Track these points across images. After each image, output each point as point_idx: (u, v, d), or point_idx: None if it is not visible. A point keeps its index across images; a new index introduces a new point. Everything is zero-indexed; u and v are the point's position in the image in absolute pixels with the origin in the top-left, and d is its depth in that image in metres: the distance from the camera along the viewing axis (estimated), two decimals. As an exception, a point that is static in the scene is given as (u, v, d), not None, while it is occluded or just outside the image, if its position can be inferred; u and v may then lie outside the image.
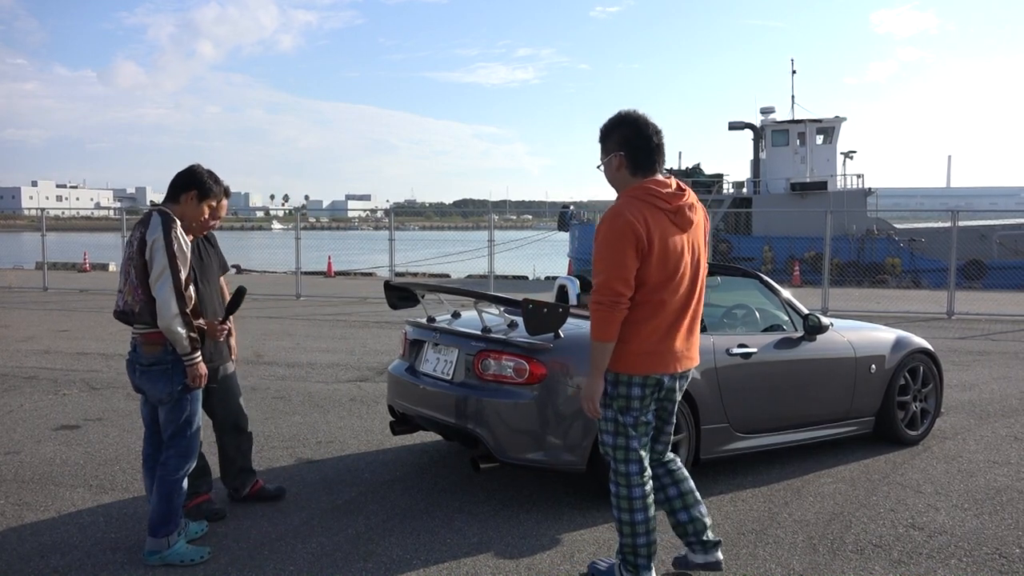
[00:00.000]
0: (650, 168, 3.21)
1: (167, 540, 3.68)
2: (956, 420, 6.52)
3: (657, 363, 3.20)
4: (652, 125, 3.21)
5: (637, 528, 3.29)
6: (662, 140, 3.23)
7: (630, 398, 3.24)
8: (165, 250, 3.53)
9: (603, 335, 3.13)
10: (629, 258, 3.07)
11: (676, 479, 3.46)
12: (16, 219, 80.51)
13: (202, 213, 3.83)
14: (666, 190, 3.16)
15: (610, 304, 3.08)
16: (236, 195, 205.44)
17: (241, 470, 4.48)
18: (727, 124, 31.18)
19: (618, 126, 3.22)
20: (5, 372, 8.38)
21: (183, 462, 3.72)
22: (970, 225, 25.95)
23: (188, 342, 3.59)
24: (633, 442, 3.27)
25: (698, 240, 3.30)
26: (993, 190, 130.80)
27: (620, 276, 3.07)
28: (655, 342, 3.18)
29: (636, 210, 3.10)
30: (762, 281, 5.47)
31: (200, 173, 3.82)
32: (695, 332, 3.33)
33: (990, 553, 3.92)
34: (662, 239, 3.12)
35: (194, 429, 3.76)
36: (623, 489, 3.29)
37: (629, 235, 3.06)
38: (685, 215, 3.19)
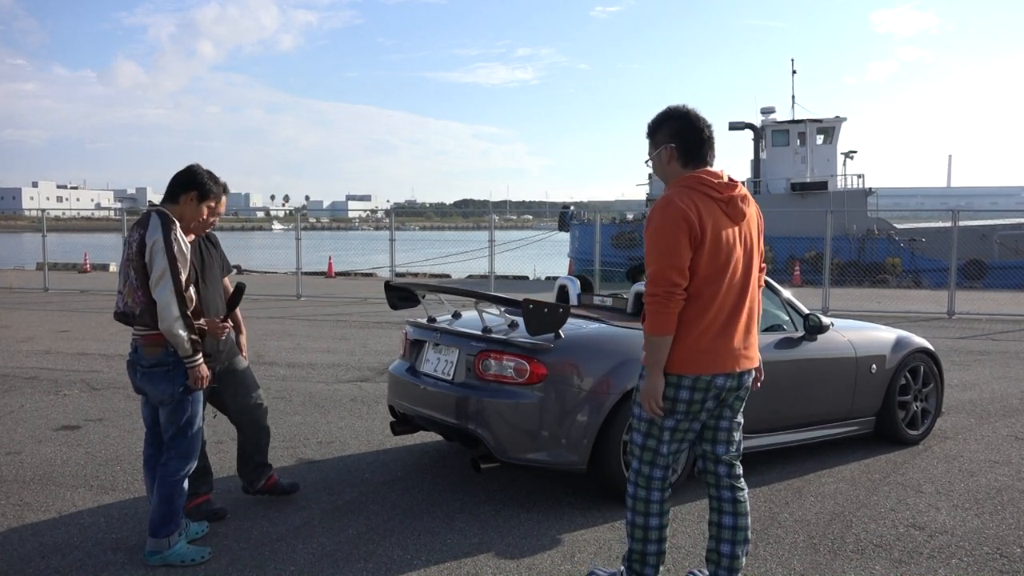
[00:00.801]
0: (701, 160, 3.12)
1: (167, 540, 3.68)
2: (957, 420, 6.52)
3: (711, 363, 3.02)
4: (703, 118, 3.14)
5: (650, 534, 3.17)
6: (712, 133, 3.15)
7: (676, 400, 3.05)
8: (165, 252, 3.52)
9: (659, 328, 2.97)
10: (683, 246, 2.94)
11: (738, 511, 3.23)
12: (17, 220, 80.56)
13: (201, 213, 3.82)
14: (718, 180, 3.07)
15: (665, 295, 2.93)
16: (236, 195, 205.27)
17: (257, 465, 4.48)
18: (727, 124, 31.16)
19: (668, 120, 3.15)
20: (6, 372, 8.39)
21: (184, 463, 3.71)
22: (970, 225, 25.97)
23: (189, 344, 3.58)
24: (664, 447, 3.12)
25: (751, 234, 3.17)
26: (993, 190, 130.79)
27: (674, 265, 2.93)
28: (710, 339, 3.02)
29: (688, 198, 3.00)
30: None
31: (199, 173, 3.81)
32: (753, 331, 3.16)
33: (991, 553, 3.92)
34: (715, 229, 3.00)
35: (195, 430, 3.75)
36: (642, 491, 3.16)
37: (681, 223, 2.94)
38: (738, 206, 3.08)
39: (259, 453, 4.47)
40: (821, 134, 30.27)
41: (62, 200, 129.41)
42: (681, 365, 3.02)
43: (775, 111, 30.86)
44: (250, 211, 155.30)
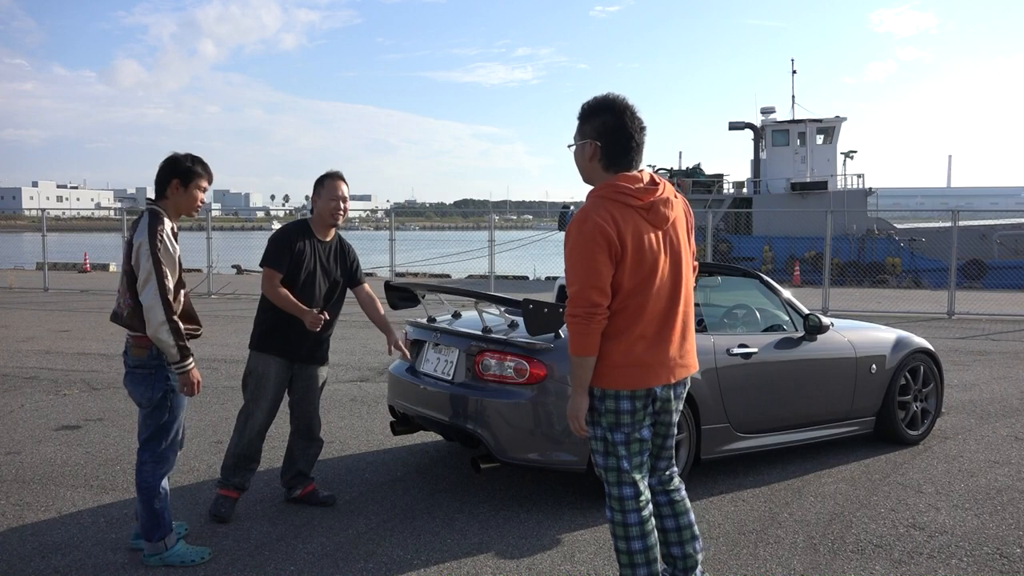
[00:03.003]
0: (626, 166, 2.94)
1: (163, 543, 3.66)
2: (957, 420, 6.52)
3: (647, 375, 2.93)
4: (638, 119, 2.94)
5: (635, 558, 2.98)
6: (644, 138, 2.96)
7: (619, 413, 2.95)
8: (150, 254, 3.45)
9: (582, 349, 2.87)
10: (602, 264, 2.81)
11: (677, 511, 3.14)
12: (17, 219, 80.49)
13: (194, 199, 3.69)
14: (636, 186, 2.88)
15: (586, 315, 2.82)
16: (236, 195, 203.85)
17: (298, 472, 4.52)
18: (727, 124, 31.20)
19: (601, 112, 2.93)
20: (6, 372, 8.38)
21: (157, 468, 3.66)
22: (970, 225, 25.95)
23: (176, 350, 3.47)
24: (624, 462, 2.98)
25: (679, 236, 2.99)
26: (993, 190, 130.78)
27: (594, 285, 2.82)
28: (643, 351, 2.91)
29: (604, 211, 2.84)
30: (762, 281, 5.47)
31: (177, 160, 3.69)
32: (689, 337, 3.05)
33: (991, 553, 3.92)
34: (636, 239, 2.84)
35: (171, 436, 3.67)
36: (618, 515, 3.00)
37: (599, 239, 2.80)
38: (659, 211, 2.90)
39: (304, 462, 4.52)
40: (821, 134, 30.27)
41: (62, 200, 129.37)
42: (612, 380, 2.93)
43: (775, 111, 30.87)
44: (250, 211, 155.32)
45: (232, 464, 4.29)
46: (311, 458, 4.54)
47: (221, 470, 4.35)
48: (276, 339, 4.31)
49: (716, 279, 6.37)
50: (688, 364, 3.05)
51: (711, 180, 31.69)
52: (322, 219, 4.39)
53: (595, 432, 3.03)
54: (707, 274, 6.28)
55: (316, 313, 4.23)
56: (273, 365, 4.31)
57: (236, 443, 4.30)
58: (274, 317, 4.28)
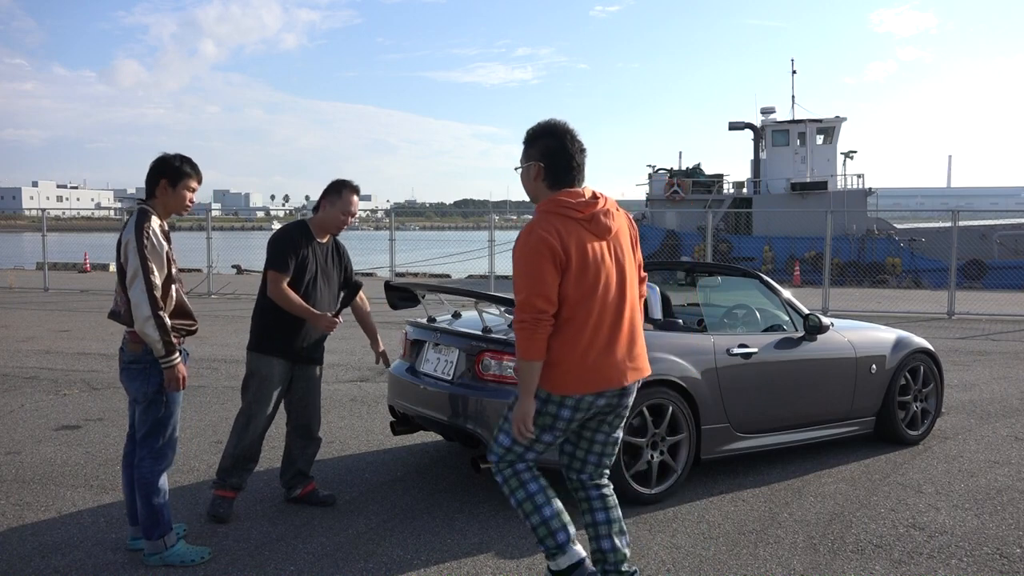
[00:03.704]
0: (568, 184, 3.12)
1: (163, 542, 3.66)
2: (957, 420, 6.52)
3: (598, 379, 3.06)
4: (578, 142, 3.14)
5: (552, 523, 3.12)
6: (584, 159, 3.16)
7: (557, 418, 3.09)
8: (137, 251, 3.47)
9: (529, 354, 3.01)
10: (548, 273, 2.97)
11: (607, 505, 3.27)
12: (17, 219, 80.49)
13: (183, 199, 3.70)
14: (578, 200, 3.07)
15: (533, 322, 2.98)
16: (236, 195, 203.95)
17: (297, 472, 4.52)
18: (727, 124, 31.20)
19: (544, 136, 3.14)
20: (6, 372, 8.39)
21: (156, 464, 3.67)
22: (970, 225, 25.96)
23: (162, 345, 3.50)
24: (531, 454, 3.17)
25: (622, 247, 3.17)
26: (993, 190, 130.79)
27: (540, 292, 2.97)
28: (595, 357, 3.04)
29: (548, 224, 3.02)
30: (762, 281, 5.47)
31: (166, 160, 3.69)
32: (638, 341, 3.19)
33: (991, 553, 3.92)
34: (579, 250, 3.01)
35: (169, 431, 3.69)
36: (519, 491, 3.16)
37: (544, 250, 2.97)
38: (601, 222, 3.07)
39: (303, 461, 4.51)
40: (821, 134, 30.27)
41: (62, 200, 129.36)
42: (563, 386, 3.05)
43: (775, 111, 30.88)
44: (250, 211, 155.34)
45: (230, 465, 4.28)
46: (310, 457, 4.54)
47: (218, 471, 4.34)
48: (277, 340, 4.30)
49: (716, 279, 6.37)
50: (639, 367, 3.19)
51: (711, 180, 31.69)
52: (325, 226, 4.39)
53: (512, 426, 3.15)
54: (707, 274, 6.29)
55: (330, 317, 4.24)
56: (276, 367, 4.30)
57: (236, 445, 4.29)
58: (274, 318, 4.27)
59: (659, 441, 4.56)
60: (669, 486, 4.59)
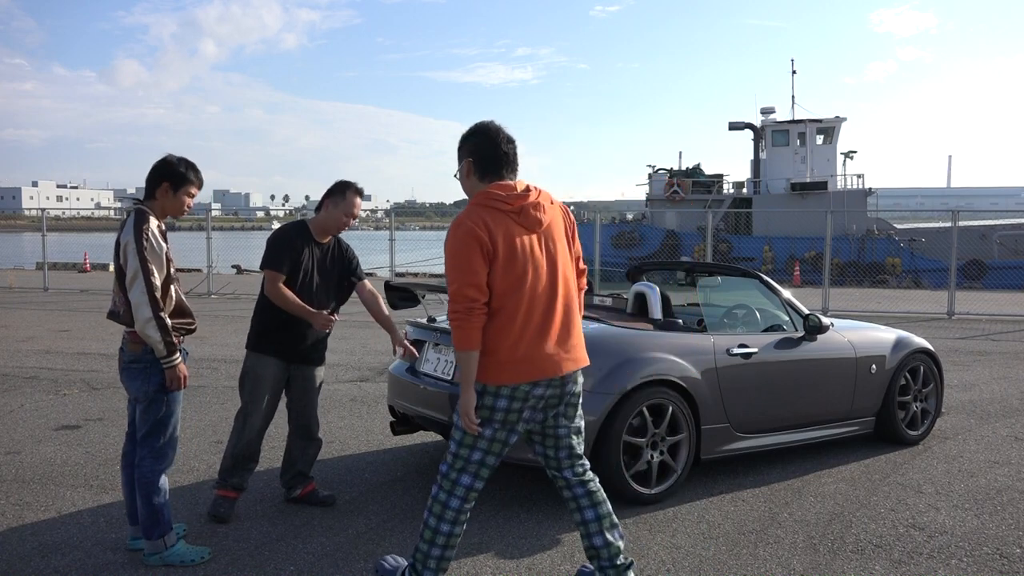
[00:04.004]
0: (497, 175, 3.17)
1: (163, 541, 3.66)
2: (956, 420, 6.52)
3: (527, 371, 3.08)
4: (503, 135, 3.20)
5: (437, 538, 3.19)
6: (512, 149, 3.20)
7: (493, 410, 3.11)
8: (137, 253, 3.46)
9: (465, 343, 3.05)
10: (476, 263, 3.02)
11: (594, 501, 3.29)
12: (17, 219, 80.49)
13: (182, 204, 3.70)
14: (508, 192, 3.12)
15: (465, 311, 3.02)
16: (236, 195, 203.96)
17: (297, 473, 4.51)
18: (727, 124, 31.23)
19: (470, 136, 3.23)
20: (6, 372, 8.39)
21: (156, 463, 3.67)
22: (970, 225, 25.98)
23: (163, 346, 3.51)
24: (476, 454, 3.16)
25: (555, 239, 3.20)
26: (993, 190, 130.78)
27: (470, 282, 3.02)
28: (524, 349, 3.07)
29: (476, 216, 3.08)
30: (762, 281, 5.47)
31: (170, 163, 3.68)
32: (574, 332, 3.21)
33: (991, 553, 3.92)
34: (507, 242, 3.06)
35: (169, 431, 3.69)
36: (443, 494, 3.19)
37: (472, 241, 3.03)
38: (530, 215, 3.11)
39: (303, 462, 4.51)
40: (821, 134, 30.29)
41: (62, 200, 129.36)
42: (496, 376, 3.09)
43: (775, 111, 30.91)
44: (250, 211, 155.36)
45: (230, 465, 4.29)
46: (310, 458, 4.54)
47: (219, 471, 4.35)
48: (273, 340, 4.30)
49: (716, 279, 6.37)
50: (576, 358, 3.21)
51: (711, 180, 31.71)
52: (325, 227, 4.37)
53: (460, 422, 3.17)
54: (707, 274, 6.29)
55: (326, 315, 4.24)
56: (270, 366, 4.30)
57: (235, 444, 4.30)
58: (271, 318, 4.28)
59: (659, 441, 4.56)
60: (669, 486, 4.59)
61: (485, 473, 3.20)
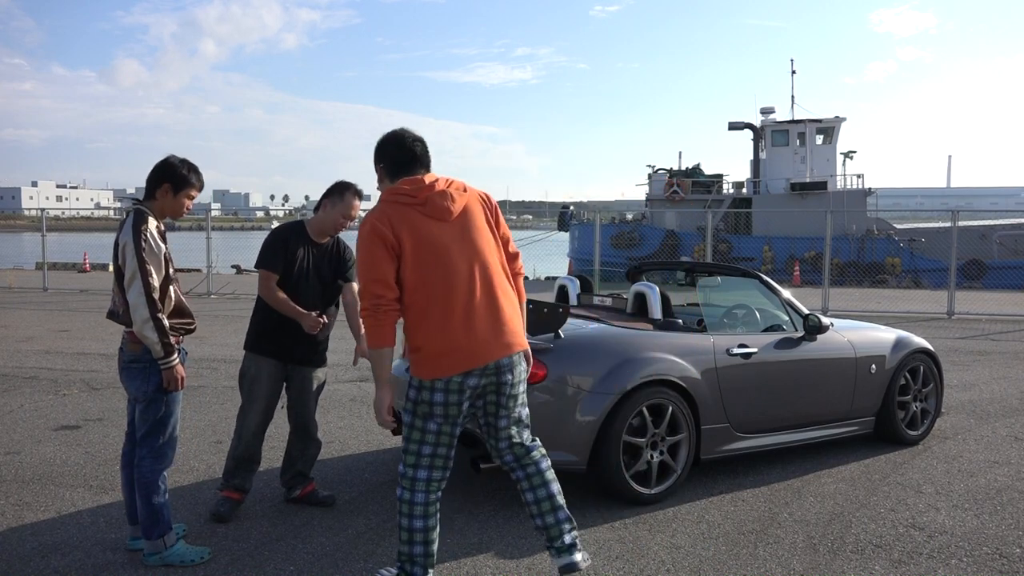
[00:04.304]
0: (406, 173, 3.21)
1: (163, 541, 3.66)
2: (956, 420, 6.52)
3: (455, 363, 3.08)
4: (409, 135, 3.25)
5: (415, 536, 3.21)
6: (419, 147, 3.24)
7: (432, 404, 3.13)
8: (135, 253, 3.46)
9: (376, 341, 3.10)
10: (380, 259, 3.05)
11: (533, 484, 3.33)
12: (16, 219, 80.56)
13: (181, 206, 3.69)
14: (413, 185, 3.14)
15: (373, 308, 3.05)
16: (236, 195, 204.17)
17: (297, 473, 4.51)
18: (727, 124, 31.21)
19: (380, 146, 3.28)
20: (5, 372, 8.38)
21: (156, 463, 3.67)
22: (970, 225, 25.98)
23: (161, 347, 3.51)
24: (426, 448, 3.18)
25: (472, 226, 3.18)
26: (993, 190, 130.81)
27: (375, 278, 3.05)
28: (448, 341, 3.07)
29: (380, 212, 3.12)
30: (762, 281, 5.47)
31: (172, 165, 3.67)
32: (503, 318, 3.17)
33: (990, 553, 3.92)
34: (413, 235, 3.07)
35: (169, 431, 3.69)
36: (406, 492, 3.21)
37: (376, 238, 3.06)
38: (437, 204, 3.12)
39: (303, 462, 4.50)
40: (821, 134, 30.28)
41: (62, 200, 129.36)
42: (428, 370, 3.11)
43: (775, 111, 30.90)
44: (250, 211, 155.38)
45: (232, 466, 4.30)
46: (310, 459, 4.54)
47: (223, 473, 4.36)
48: (269, 340, 4.31)
49: (716, 279, 6.37)
50: (508, 343, 3.18)
51: (711, 180, 31.70)
52: (323, 227, 4.36)
53: (408, 418, 3.22)
54: (707, 274, 6.29)
55: (315, 316, 4.23)
56: (266, 366, 4.31)
57: (235, 445, 4.32)
58: (267, 318, 4.29)
59: (659, 441, 4.56)
60: (669, 486, 4.59)
61: (440, 463, 3.22)
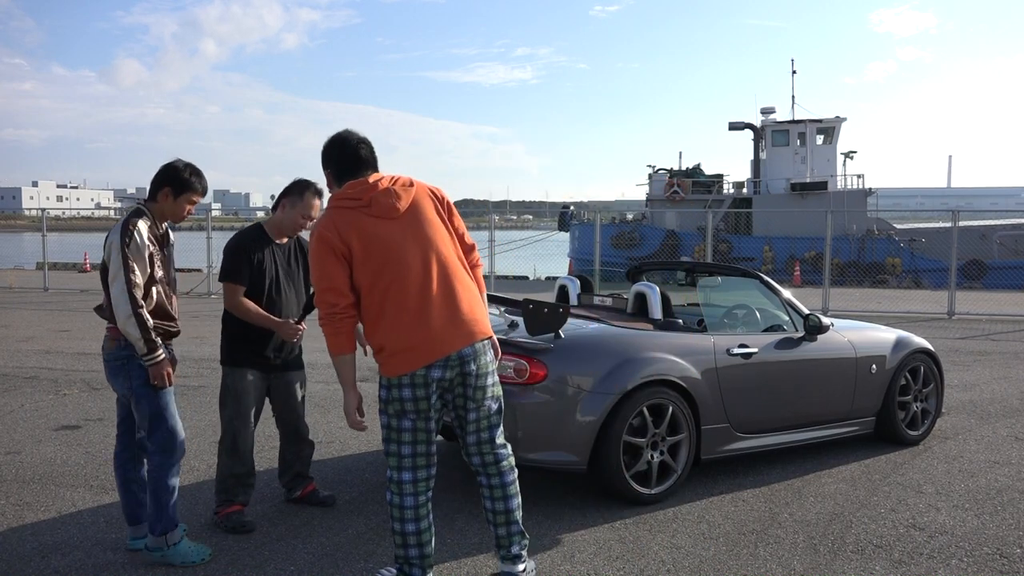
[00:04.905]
0: (352, 176, 3.19)
1: (165, 539, 3.65)
2: (957, 420, 6.52)
3: (416, 357, 3.10)
4: (355, 137, 3.24)
5: (408, 539, 3.21)
6: (365, 149, 3.22)
7: (403, 401, 3.15)
8: (120, 251, 3.48)
9: (335, 348, 3.15)
10: (331, 266, 3.07)
11: (494, 496, 3.34)
12: (17, 219, 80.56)
13: (182, 210, 3.71)
14: (356, 188, 3.13)
15: (328, 316, 3.10)
16: (236, 195, 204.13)
17: (296, 474, 4.47)
18: (727, 124, 31.20)
19: (325, 149, 3.27)
20: (6, 372, 8.39)
21: (164, 457, 3.62)
22: (970, 225, 25.97)
23: (143, 342, 3.49)
24: (405, 448, 3.19)
25: (423, 220, 3.18)
26: (994, 190, 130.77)
27: (328, 287, 3.09)
28: (407, 337, 3.09)
29: (327, 219, 3.13)
30: (762, 281, 5.47)
31: (175, 169, 3.68)
32: (461, 307, 3.16)
33: (991, 553, 3.92)
34: (362, 237, 3.08)
35: (168, 424, 3.64)
36: (395, 497, 3.22)
37: (324, 246, 3.08)
38: (382, 203, 3.12)
39: (300, 463, 4.46)
40: (821, 134, 30.27)
41: (62, 200, 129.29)
42: (392, 368, 3.14)
43: (775, 111, 30.88)
44: (250, 211, 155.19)
45: (233, 484, 4.15)
46: (306, 459, 4.50)
47: (220, 491, 4.18)
48: (247, 351, 4.19)
49: (716, 279, 6.37)
50: (469, 331, 3.17)
51: (711, 180, 31.69)
52: (282, 228, 4.26)
53: (382, 419, 3.27)
54: (707, 274, 6.29)
55: (293, 324, 4.16)
56: (250, 378, 4.20)
57: (231, 465, 4.15)
58: (241, 329, 4.17)
59: (659, 441, 4.56)
60: (669, 486, 4.59)
61: (422, 461, 3.22)
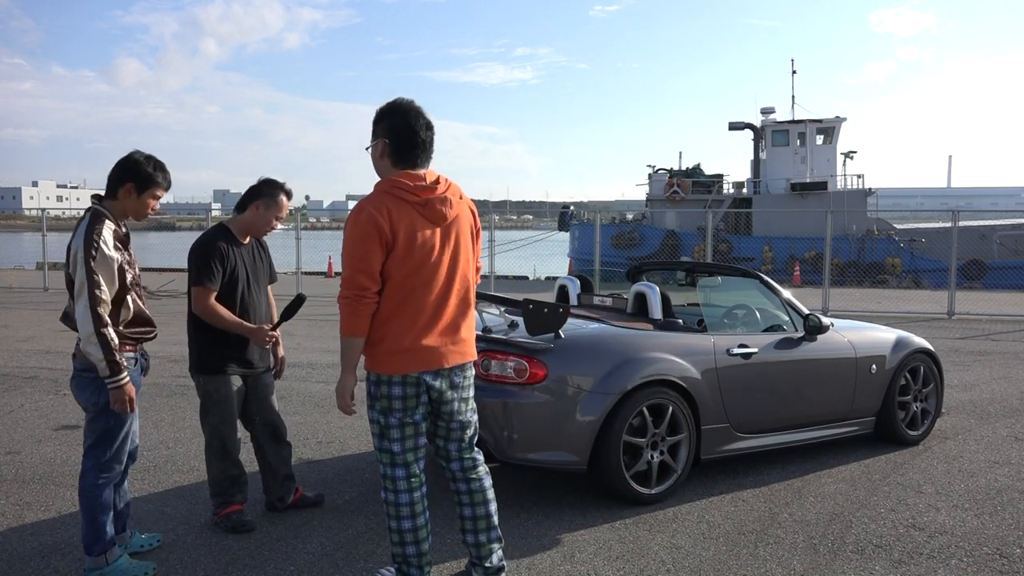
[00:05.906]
0: (411, 162, 3.14)
1: (104, 558, 3.47)
2: (957, 420, 6.52)
3: (413, 361, 3.11)
4: (423, 119, 3.15)
5: (405, 536, 3.19)
6: (430, 136, 3.16)
7: (391, 398, 3.15)
8: (84, 263, 3.23)
9: (351, 329, 3.09)
10: (372, 252, 3.02)
11: (474, 501, 3.32)
12: (17, 219, 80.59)
13: (146, 207, 3.44)
14: (416, 183, 3.09)
15: (355, 298, 3.05)
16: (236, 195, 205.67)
17: (285, 477, 4.38)
18: (727, 124, 31.22)
19: (389, 114, 3.15)
20: (6, 372, 8.39)
21: (100, 475, 3.44)
22: (970, 225, 25.98)
23: (106, 364, 3.26)
24: (396, 445, 3.17)
25: (460, 235, 3.19)
26: (994, 190, 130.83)
27: (363, 269, 3.03)
28: (411, 339, 3.09)
29: (380, 203, 3.06)
30: (762, 281, 5.47)
31: (136, 162, 3.41)
32: (463, 327, 3.21)
33: (991, 553, 3.92)
34: (408, 233, 3.05)
35: (117, 446, 3.44)
36: (390, 495, 3.19)
37: (371, 228, 3.02)
38: (436, 209, 3.10)
39: (285, 465, 4.39)
40: (821, 134, 30.29)
41: (62, 200, 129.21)
42: (387, 365, 3.14)
43: (775, 111, 30.90)
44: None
45: (228, 485, 4.13)
46: (286, 458, 4.39)
47: (216, 494, 4.15)
48: (223, 357, 4.07)
49: (716, 279, 6.37)
50: (462, 351, 3.23)
51: (711, 180, 31.71)
52: (251, 229, 4.17)
53: (371, 415, 3.25)
54: (707, 274, 6.29)
55: (267, 330, 4.10)
56: (231, 383, 4.11)
57: (223, 467, 4.11)
58: (213, 334, 4.02)
59: (659, 441, 4.57)
60: (669, 486, 4.59)
61: (411, 456, 3.20)
